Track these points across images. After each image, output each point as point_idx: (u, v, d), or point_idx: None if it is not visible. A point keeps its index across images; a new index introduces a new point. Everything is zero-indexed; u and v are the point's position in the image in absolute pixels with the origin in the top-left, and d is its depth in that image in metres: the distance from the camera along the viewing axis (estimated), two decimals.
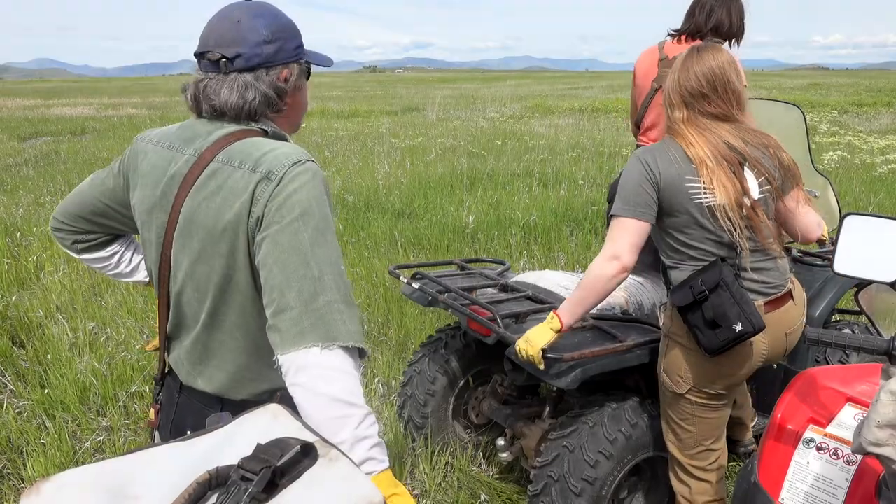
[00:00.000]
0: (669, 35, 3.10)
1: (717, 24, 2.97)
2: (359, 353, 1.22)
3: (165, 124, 1.55)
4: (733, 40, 3.03)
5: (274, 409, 0.99)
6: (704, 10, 2.97)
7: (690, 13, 3.02)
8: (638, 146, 3.15)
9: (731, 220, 2.04)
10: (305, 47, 1.47)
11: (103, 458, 0.96)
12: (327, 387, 1.14)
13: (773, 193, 2.14)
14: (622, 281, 2.15)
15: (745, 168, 2.10)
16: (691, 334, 2.11)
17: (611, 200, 3.18)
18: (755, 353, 2.17)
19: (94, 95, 39.99)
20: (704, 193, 2.05)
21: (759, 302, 2.13)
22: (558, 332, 2.19)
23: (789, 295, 2.21)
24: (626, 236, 2.09)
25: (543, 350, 2.18)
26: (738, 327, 2.00)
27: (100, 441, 3.27)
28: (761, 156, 2.11)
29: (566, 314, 2.19)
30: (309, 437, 0.91)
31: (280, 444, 0.88)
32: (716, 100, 2.10)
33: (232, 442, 0.95)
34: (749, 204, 2.07)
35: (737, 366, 2.17)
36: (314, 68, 1.51)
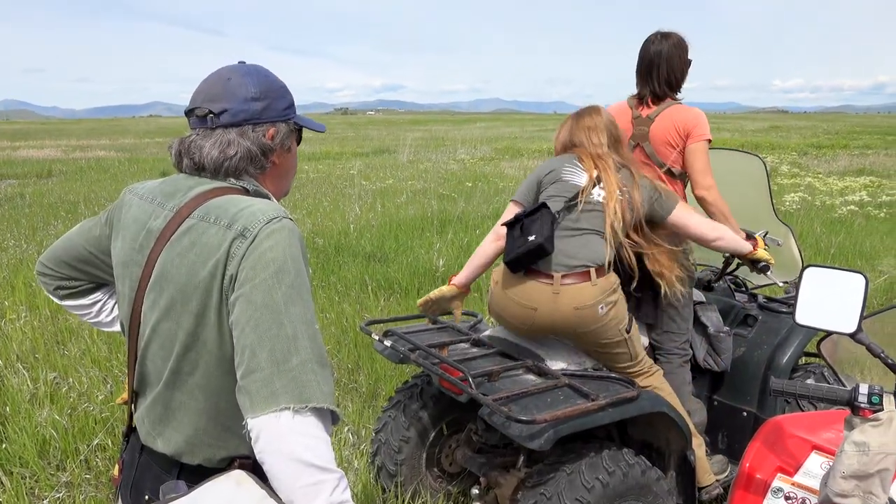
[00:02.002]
0: (635, 98, 3.17)
1: (670, 81, 3.08)
2: (331, 417, 1.19)
3: (135, 167, 1.55)
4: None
5: (237, 476, 0.97)
6: (658, 73, 3.07)
7: (644, 77, 3.11)
8: None
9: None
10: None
11: None
12: (301, 452, 1.10)
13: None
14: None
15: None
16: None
17: None
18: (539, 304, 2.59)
19: (62, 137, 39.68)
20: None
21: (559, 273, 2.53)
22: None
23: (587, 275, 2.54)
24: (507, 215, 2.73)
25: None
26: (532, 238, 2.47)
27: (59, 498, 3.15)
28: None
29: None
30: None
31: None
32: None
33: None
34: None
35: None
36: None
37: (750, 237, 3.03)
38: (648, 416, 2.57)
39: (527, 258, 2.51)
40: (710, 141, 2.99)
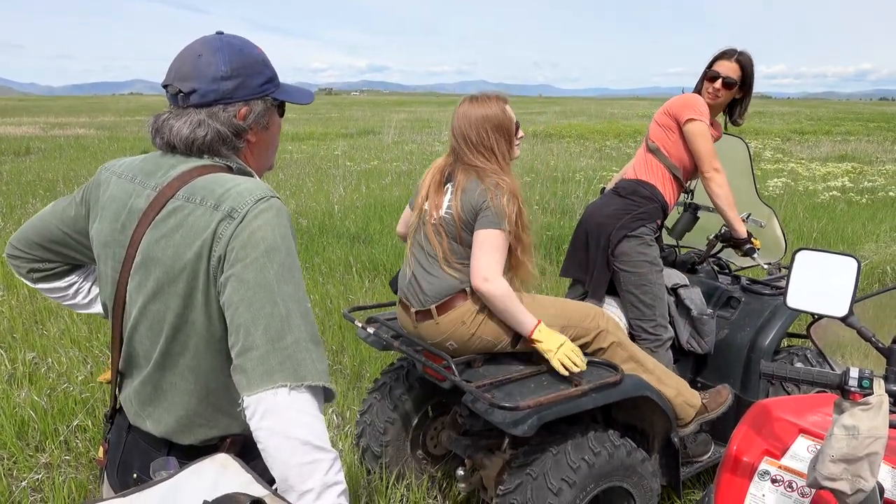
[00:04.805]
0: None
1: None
2: (325, 394, 1.19)
3: (115, 145, 1.51)
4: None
5: (223, 460, 0.94)
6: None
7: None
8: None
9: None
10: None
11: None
12: (297, 430, 1.10)
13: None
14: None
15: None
16: None
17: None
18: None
19: (41, 114, 39.05)
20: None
21: (413, 308, 2.55)
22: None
23: (430, 314, 2.50)
24: None
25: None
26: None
27: (38, 479, 3.11)
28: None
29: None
30: (259, 491, 0.87)
31: (228, 502, 0.83)
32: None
33: (178, 496, 0.90)
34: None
35: None
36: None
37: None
38: (632, 399, 2.58)
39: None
40: (702, 122, 3.02)
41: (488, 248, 2.37)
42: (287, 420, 1.11)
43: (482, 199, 2.37)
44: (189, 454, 1.27)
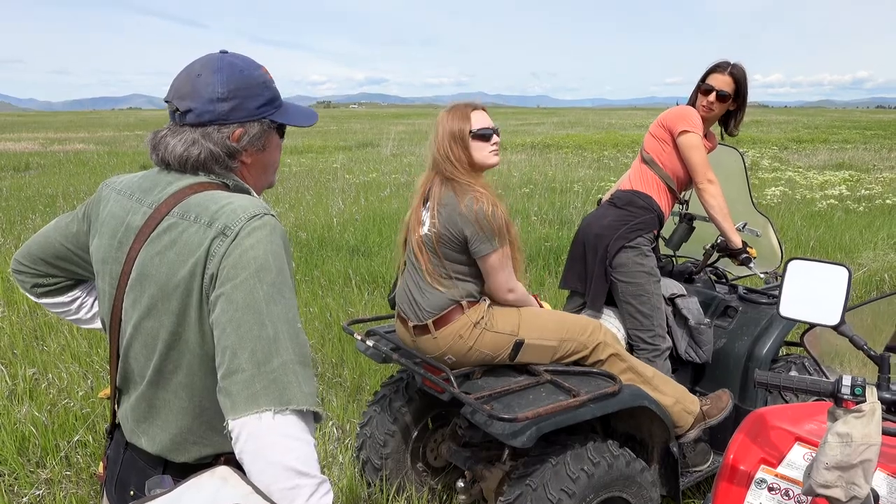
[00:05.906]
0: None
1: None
2: (314, 417, 1.17)
3: (114, 160, 1.52)
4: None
5: (223, 472, 0.96)
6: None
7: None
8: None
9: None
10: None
11: None
12: (279, 455, 1.08)
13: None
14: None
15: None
16: None
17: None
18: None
19: (40, 130, 39.15)
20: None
21: (411, 323, 2.59)
22: None
23: (427, 329, 2.54)
24: None
25: None
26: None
27: (39, 495, 3.12)
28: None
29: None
30: (258, 502, 0.88)
31: None
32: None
33: None
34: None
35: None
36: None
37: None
38: (631, 409, 2.59)
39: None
40: (695, 134, 3.05)
41: (499, 268, 2.49)
42: (270, 444, 1.09)
43: (465, 224, 2.41)
44: (184, 472, 1.26)
